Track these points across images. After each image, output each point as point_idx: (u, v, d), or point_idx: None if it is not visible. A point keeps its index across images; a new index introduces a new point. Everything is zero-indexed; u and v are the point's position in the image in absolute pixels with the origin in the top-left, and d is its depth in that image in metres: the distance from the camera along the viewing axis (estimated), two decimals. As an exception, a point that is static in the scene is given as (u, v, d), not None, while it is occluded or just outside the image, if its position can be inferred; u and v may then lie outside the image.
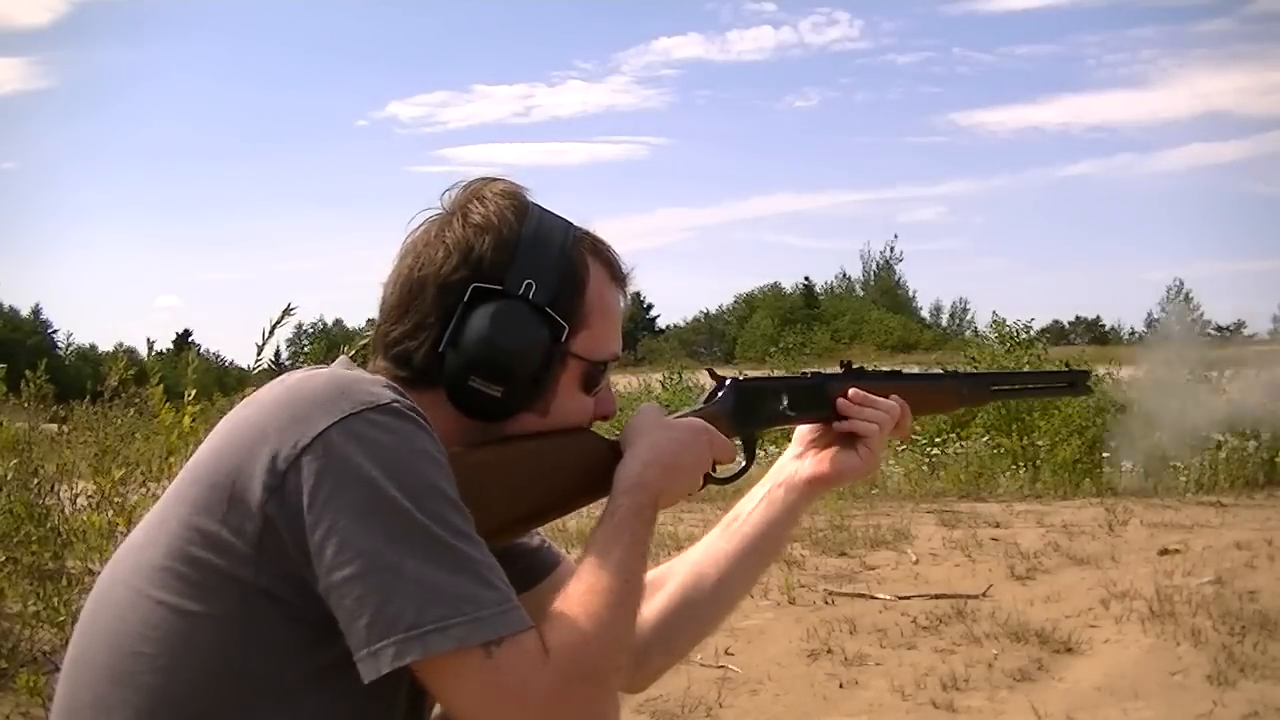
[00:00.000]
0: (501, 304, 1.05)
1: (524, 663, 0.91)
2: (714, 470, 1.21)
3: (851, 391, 1.30)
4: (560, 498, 1.13)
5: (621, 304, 1.17)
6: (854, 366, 1.35)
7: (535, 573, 1.28)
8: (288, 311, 2.91)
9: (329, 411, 0.93)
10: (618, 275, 1.16)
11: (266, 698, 0.95)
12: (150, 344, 3.40)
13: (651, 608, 1.29)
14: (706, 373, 1.37)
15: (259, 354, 3.03)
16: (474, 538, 0.95)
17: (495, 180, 1.13)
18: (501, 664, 0.90)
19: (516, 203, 1.10)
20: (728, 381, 1.28)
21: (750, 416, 1.28)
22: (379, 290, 1.12)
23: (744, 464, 1.27)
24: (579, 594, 1.00)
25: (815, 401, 1.31)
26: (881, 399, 1.31)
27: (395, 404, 0.95)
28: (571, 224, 1.13)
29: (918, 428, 10.58)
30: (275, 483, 0.91)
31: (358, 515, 0.90)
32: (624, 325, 1.19)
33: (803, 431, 1.37)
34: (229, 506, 0.93)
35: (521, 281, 1.06)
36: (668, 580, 1.33)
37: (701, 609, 1.32)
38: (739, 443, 1.26)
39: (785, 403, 1.31)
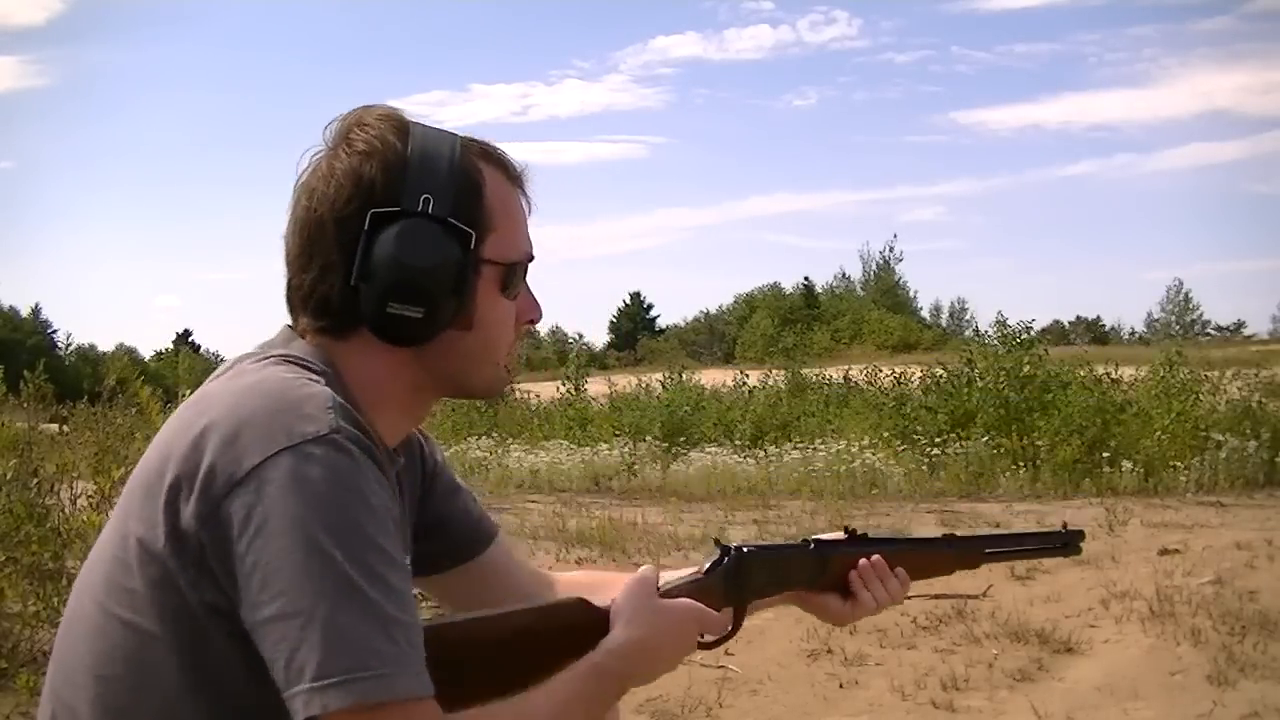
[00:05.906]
0: (404, 223, 1.03)
1: None
2: (701, 636, 1.22)
3: (875, 559, 1.33)
4: (544, 672, 1.11)
5: (523, 203, 1.15)
6: (856, 533, 1.36)
7: (474, 545, 1.31)
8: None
9: (266, 443, 0.92)
10: (513, 175, 1.14)
11: (236, 716, 0.95)
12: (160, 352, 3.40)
13: None
14: (714, 542, 1.34)
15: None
16: (394, 588, 0.93)
17: (371, 107, 1.11)
18: None
19: (397, 123, 1.08)
20: (732, 551, 1.28)
21: (748, 588, 1.28)
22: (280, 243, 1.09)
23: (730, 630, 1.27)
24: (504, 712, 1.01)
25: (816, 571, 1.33)
26: (893, 579, 1.33)
27: (334, 435, 0.94)
28: (457, 134, 1.11)
29: (918, 428, 10.57)
30: (208, 511, 0.92)
31: (281, 555, 0.90)
32: (528, 223, 1.16)
33: None
34: (168, 527, 0.93)
35: (418, 198, 1.04)
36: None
37: None
38: (730, 610, 1.26)
39: (786, 574, 1.32)
